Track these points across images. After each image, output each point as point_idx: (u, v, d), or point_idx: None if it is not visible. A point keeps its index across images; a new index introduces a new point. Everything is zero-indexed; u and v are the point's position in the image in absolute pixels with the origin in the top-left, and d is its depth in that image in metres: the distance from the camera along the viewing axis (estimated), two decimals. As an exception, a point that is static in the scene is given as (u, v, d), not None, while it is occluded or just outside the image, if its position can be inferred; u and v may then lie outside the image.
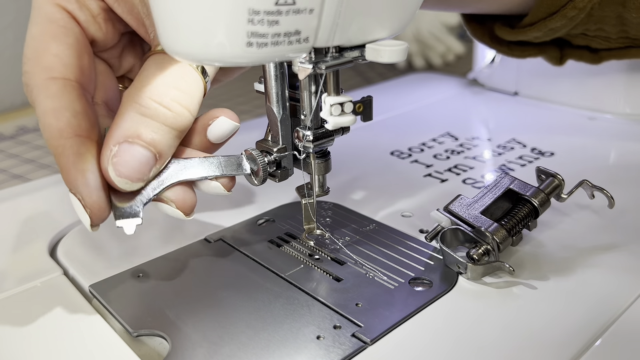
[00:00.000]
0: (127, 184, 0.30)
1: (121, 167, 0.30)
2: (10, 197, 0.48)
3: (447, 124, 0.61)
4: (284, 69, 0.33)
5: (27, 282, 0.36)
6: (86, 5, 0.33)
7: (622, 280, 0.34)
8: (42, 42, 0.32)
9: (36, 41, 0.32)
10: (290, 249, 0.38)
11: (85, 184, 0.30)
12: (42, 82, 0.31)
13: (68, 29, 0.32)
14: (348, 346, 0.30)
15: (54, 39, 0.32)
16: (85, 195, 0.30)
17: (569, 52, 0.52)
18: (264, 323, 0.31)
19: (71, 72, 0.32)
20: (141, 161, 0.30)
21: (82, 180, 0.30)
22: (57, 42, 0.32)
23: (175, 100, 0.30)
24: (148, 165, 0.30)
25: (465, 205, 0.37)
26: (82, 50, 0.33)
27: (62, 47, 0.32)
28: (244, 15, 0.24)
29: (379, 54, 0.29)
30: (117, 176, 0.30)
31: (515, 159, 0.51)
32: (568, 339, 0.30)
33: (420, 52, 0.97)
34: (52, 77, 0.31)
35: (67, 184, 0.30)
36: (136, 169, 0.30)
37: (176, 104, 0.30)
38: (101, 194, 0.30)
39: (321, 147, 0.34)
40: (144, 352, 0.31)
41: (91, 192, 0.30)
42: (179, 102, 0.31)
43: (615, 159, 0.52)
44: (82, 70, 0.32)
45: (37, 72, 0.31)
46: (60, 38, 0.32)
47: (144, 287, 0.35)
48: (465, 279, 0.35)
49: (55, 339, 0.31)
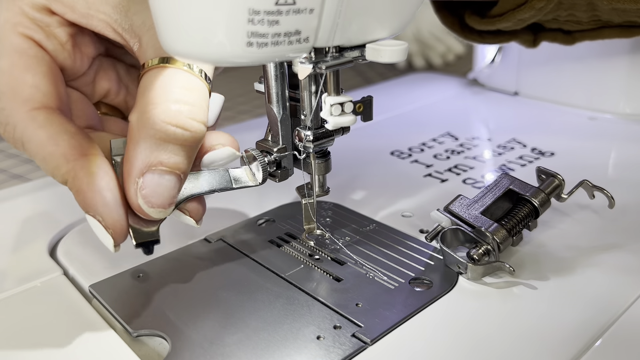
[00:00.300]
0: (161, 212, 0.29)
1: (152, 198, 0.29)
2: (10, 197, 0.48)
3: (447, 124, 0.61)
4: (284, 69, 0.33)
5: (27, 282, 0.36)
6: (53, 34, 0.32)
7: (623, 280, 0.34)
8: (15, 75, 0.30)
9: (8, 75, 0.30)
10: (290, 249, 0.38)
11: (104, 204, 0.29)
12: (26, 116, 0.30)
13: (39, 58, 0.31)
14: (348, 346, 0.30)
15: (28, 70, 0.30)
16: (105, 215, 0.29)
17: (543, 35, 0.52)
18: (264, 323, 0.31)
19: (51, 101, 0.30)
20: (169, 187, 0.29)
21: (100, 199, 0.29)
22: (32, 72, 0.30)
23: (190, 117, 0.29)
24: (176, 189, 0.29)
25: (466, 205, 0.37)
26: (56, 78, 0.31)
27: (38, 77, 0.30)
28: (244, 15, 0.24)
29: (379, 54, 0.29)
30: (150, 207, 0.29)
31: (516, 159, 0.51)
32: (568, 339, 0.30)
33: (421, 52, 0.97)
34: (34, 108, 0.30)
35: (84, 207, 0.29)
36: (166, 196, 0.29)
37: (192, 121, 0.29)
38: (121, 212, 0.29)
39: (321, 147, 0.34)
40: (144, 352, 0.31)
41: (111, 211, 0.29)
42: (194, 117, 0.29)
43: (615, 159, 0.52)
44: (60, 98, 0.31)
45: (17, 106, 0.30)
46: (34, 68, 0.30)
47: (144, 287, 0.35)
48: (465, 279, 0.35)
49: (55, 339, 0.31)
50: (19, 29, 0.31)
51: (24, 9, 0.31)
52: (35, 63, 0.31)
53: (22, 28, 0.31)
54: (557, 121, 0.60)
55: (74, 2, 0.31)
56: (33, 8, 0.31)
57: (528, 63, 0.65)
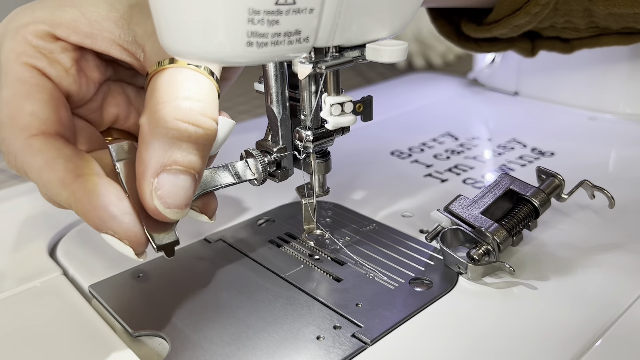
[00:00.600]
0: (178, 213, 0.29)
1: (168, 199, 0.28)
2: (10, 197, 0.48)
3: (447, 124, 0.61)
4: (284, 69, 0.33)
5: (26, 282, 0.36)
6: (57, 60, 0.32)
7: (623, 280, 0.34)
8: (15, 105, 0.30)
9: (9, 105, 0.30)
10: (290, 249, 0.38)
11: (111, 218, 0.28)
12: (23, 143, 0.29)
13: (40, 86, 0.31)
14: (348, 346, 0.30)
15: (27, 99, 0.30)
16: (116, 228, 0.28)
17: (540, 43, 0.51)
18: (264, 323, 0.31)
19: (50, 127, 0.30)
20: (185, 187, 0.28)
21: (106, 215, 0.28)
22: (31, 100, 0.30)
23: (202, 114, 0.29)
24: (192, 189, 0.29)
25: (466, 205, 0.37)
26: (58, 105, 0.31)
27: (37, 104, 0.30)
28: (244, 14, 0.24)
29: (379, 54, 0.29)
30: (166, 208, 0.28)
31: (516, 159, 0.51)
32: (569, 339, 0.30)
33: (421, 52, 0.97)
34: (31, 135, 0.29)
35: (95, 227, 0.29)
36: (182, 196, 0.28)
37: (204, 118, 0.29)
38: (132, 220, 0.29)
39: (321, 147, 0.34)
40: (144, 352, 0.31)
41: (120, 222, 0.28)
42: (205, 114, 0.29)
43: (615, 159, 0.52)
44: (61, 123, 0.31)
45: (15, 134, 0.30)
46: (34, 96, 0.30)
47: (143, 287, 0.35)
48: (465, 279, 0.35)
49: (55, 339, 0.31)
50: (22, 59, 0.31)
51: (27, 37, 0.31)
52: (35, 91, 0.31)
53: (25, 57, 0.31)
54: (557, 121, 0.60)
55: (77, 23, 0.31)
56: (36, 36, 0.31)
57: (528, 63, 0.65)
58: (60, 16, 0.31)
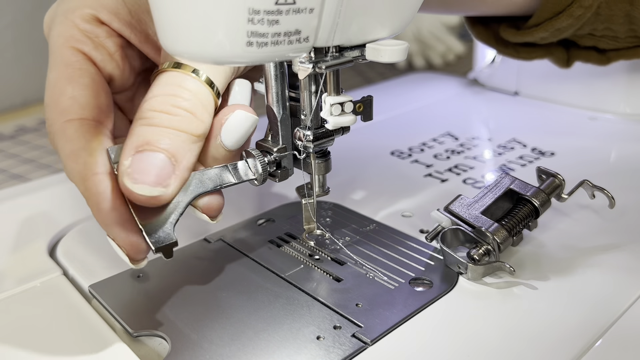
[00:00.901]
0: (146, 189, 0.29)
1: (136, 175, 0.29)
2: (10, 197, 0.48)
3: (447, 124, 0.61)
4: (284, 69, 0.33)
5: (26, 282, 0.36)
6: (102, 44, 0.33)
7: (623, 280, 0.34)
8: (58, 87, 0.31)
9: (53, 87, 0.32)
10: (290, 249, 0.38)
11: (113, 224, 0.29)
12: (59, 127, 0.30)
13: (83, 70, 0.32)
14: (348, 346, 0.30)
15: (70, 82, 0.31)
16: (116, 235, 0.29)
17: (576, 54, 0.51)
18: (264, 323, 0.31)
19: (88, 112, 0.31)
20: (157, 165, 0.29)
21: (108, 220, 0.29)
22: (73, 84, 0.31)
23: (176, 106, 0.30)
24: (165, 170, 0.29)
25: (466, 205, 0.37)
26: (99, 89, 0.32)
27: (78, 88, 0.31)
28: (244, 14, 0.24)
29: (379, 54, 0.29)
30: (133, 184, 0.28)
31: (516, 159, 0.51)
32: (569, 339, 0.30)
33: (421, 52, 0.97)
34: (68, 119, 0.31)
35: (102, 226, 0.30)
36: (153, 174, 0.29)
37: (178, 109, 0.30)
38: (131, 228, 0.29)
39: (321, 147, 0.34)
40: (144, 352, 0.31)
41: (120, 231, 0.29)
42: (179, 106, 0.30)
43: (615, 159, 0.52)
44: (99, 108, 0.32)
45: (55, 117, 0.31)
46: (76, 80, 0.31)
47: (143, 288, 0.35)
48: (465, 279, 0.35)
49: (54, 340, 0.31)
50: (70, 42, 0.32)
51: (75, 21, 0.33)
52: (78, 75, 0.32)
53: (72, 41, 0.32)
54: (557, 121, 0.60)
55: (118, 10, 0.33)
56: (83, 20, 0.33)
57: (528, 63, 0.65)
58: (104, 1, 0.33)
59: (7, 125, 0.81)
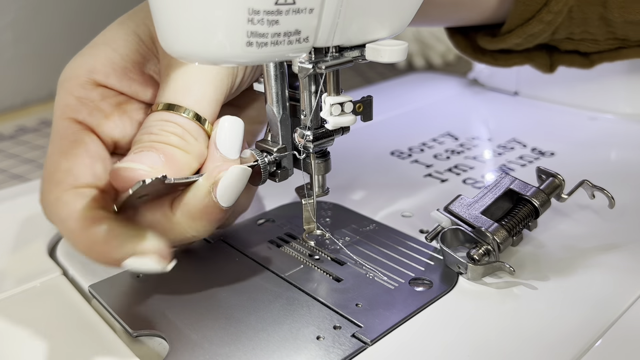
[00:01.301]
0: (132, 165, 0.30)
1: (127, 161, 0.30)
2: (10, 197, 0.48)
3: (447, 124, 0.61)
4: (284, 69, 0.33)
5: (26, 282, 0.36)
6: (97, 108, 0.33)
7: (623, 280, 0.34)
8: (53, 160, 0.32)
9: (49, 161, 0.32)
10: (290, 249, 0.38)
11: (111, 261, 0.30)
12: (54, 198, 0.31)
13: (78, 141, 0.32)
14: (348, 346, 0.30)
15: (64, 156, 0.32)
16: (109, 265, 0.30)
17: (559, 58, 0.51)
18: (264, 323, 0.31)
19: (81, 180, 0.31)
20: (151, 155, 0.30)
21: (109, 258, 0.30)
22: (67, 157, 0.32)
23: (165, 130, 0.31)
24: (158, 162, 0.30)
25: (466, 205, 0.37)
26: (93, 158, 0.32)
27: (72, 160, 0.31)
28: (244, 14, 0.24)
29: (379, 54, 0.29)
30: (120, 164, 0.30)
31: (516, 159, 0.51)
32: (569, 339, 0.30)
33: (421, 52, 0.97)
34: (64, 190, 0.31)
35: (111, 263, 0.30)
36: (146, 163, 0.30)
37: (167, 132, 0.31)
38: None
39: (321, 147, 0.34)
40: (144, 352, 0.31)
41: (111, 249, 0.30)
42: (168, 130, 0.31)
43: (615, 159, 0.52)
44: (94, 176, 0.32)
45: (50, 189, 0.31)
46: (70, 152, 0.32)
47: (143, 288, 0.35)
48: (465, 279, 0.35)
49: (54, 340, 0.31)
50: (65, 113, 0.33)
51: (70, 89, 0.33)
52: (72, 147, 0.32)
53: (68, 111, 0.33)
54: (557, 121, 0.60)
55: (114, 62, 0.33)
56: (79, 86, 0.33)
57: (528, 63, 0.65)
58: (96, 55, 0.33)
59: (7, 125, 0.81)
